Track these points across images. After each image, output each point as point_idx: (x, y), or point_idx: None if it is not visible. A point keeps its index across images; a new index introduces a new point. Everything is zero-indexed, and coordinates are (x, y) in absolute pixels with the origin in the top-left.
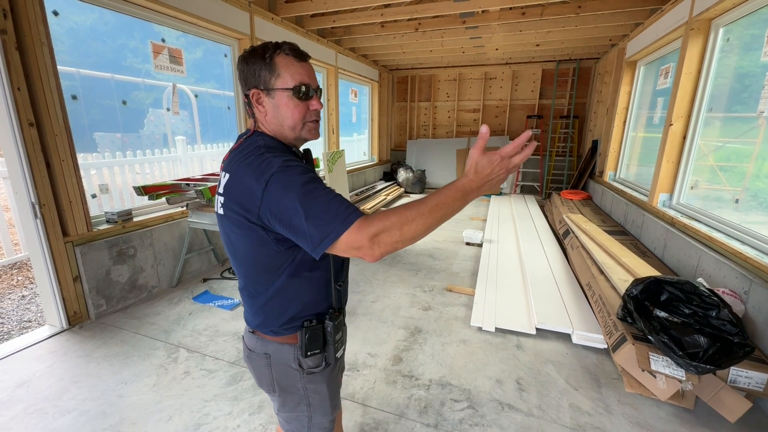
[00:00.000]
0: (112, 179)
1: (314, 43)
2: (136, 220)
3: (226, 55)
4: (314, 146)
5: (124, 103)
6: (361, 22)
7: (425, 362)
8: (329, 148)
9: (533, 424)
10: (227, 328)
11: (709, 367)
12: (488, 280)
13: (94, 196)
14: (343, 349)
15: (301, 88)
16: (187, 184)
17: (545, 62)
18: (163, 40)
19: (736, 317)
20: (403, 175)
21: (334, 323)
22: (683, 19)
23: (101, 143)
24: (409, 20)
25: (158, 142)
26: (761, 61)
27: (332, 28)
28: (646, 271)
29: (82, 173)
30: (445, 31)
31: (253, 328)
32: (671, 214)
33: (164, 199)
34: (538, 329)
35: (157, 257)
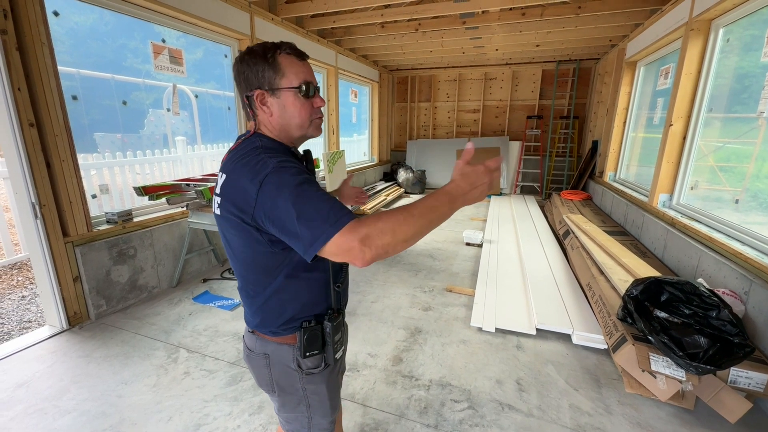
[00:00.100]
0: (112, 179)
1: (314, 43)
2: (136, 220)
3: (226, 55)
4: (314, 147)
5: (124, 103)
6: (361, 22)
7: (425, 363)
8: (329, 148)
9: (533, 424)
10: (227, 328)
11: (709, 367)
12: (488, 280)
13: (94, 196)
14: (342, 350)
15: (305, 86)
16: (187, 184)
17: (545, 63)
18: (163, 40)
19: (736, 318)
20: (403, 175)
21: (332, 324)
22: (683, 19)
23: (101, 143)
24: (409, 21)
25: (158, 142)
26: (761, 61)
27: (332, 28)
28: (646, 271)
29: (82, 173)
30: (445, 31)
31: (252, 328)
32: (671, 214)
33: (164, 199)
34: (538, 330)
35: (157, 257)
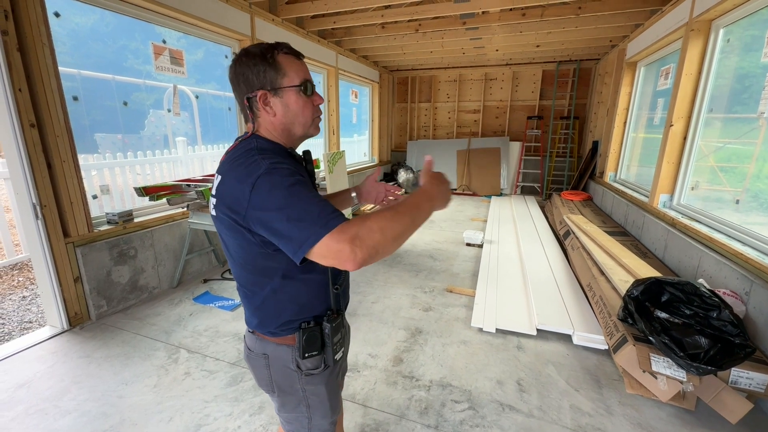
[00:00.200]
0: (112, 180)
1: (315, 44)
2: (136, 220)
3: (226, 56)
4: (314, 147)
5: (125, 104)
6: (361, 23)
7: (426, 363)
8: (330, 149)
9: (534, 425)
10: (228, 328)
11: (710, 368)
12: (489, 280)
13: (95, 196)
14: (342, 351)
15: (306, 84)
16: (187, 185)
17: (545, 63)
18: (164, 41)
19: (737, 318)
20: (403, 175)
21: (331, 325)
22: (683, 20)
23: (102, 144)
24: (409, 21)
25: (159, 143)
26: (761, 62)
27: (333, 29)
28: (646, 271)
29: (83, 174)
30: (445, 32)
31: (252, 328)
32: (672, 214)
33: (165, 200)
34: (538, 330)
35: (157, 258)
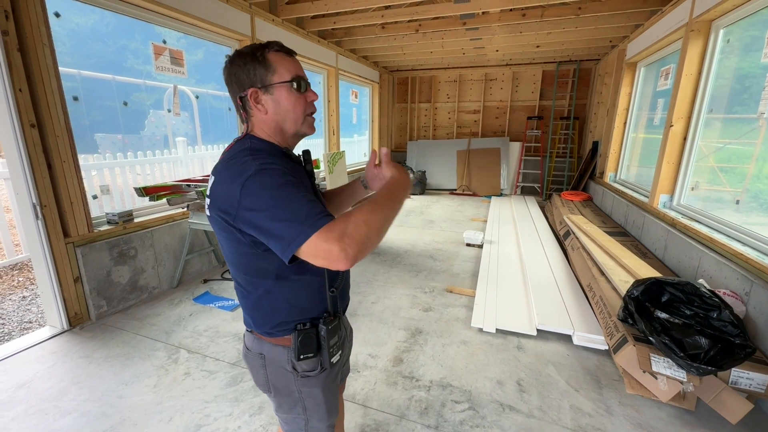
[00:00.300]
0: (113, 180)
1: (315, 44)
2: (136, 221)
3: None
4: (315, 147)
5: (125, 104)
6: (361, 23)
7: (426, 363)
8: (330, 149)
9: (534, 425)
10: (228, 329)
11: (710, 368)
12: (489, 281)
13: (95, 197)
14: (339, 354)
15: (298, 80)
16: (187, 185)
17: (545, 63)
18: (164, 41)
19: (737, 318)
20: None
21: (327, 328)
22: (683, 20)
23: (102, 144)
24: (409, 22)
25: (159, 143)
26: (761, 62)
27: (333, 29)
28: (646, 272)
29: (83, 174)
30: (445, 32)
31: (249, 328)
32: (672, 215)
33: (165, 200)
34: (538, 330)
35: (157, 258)
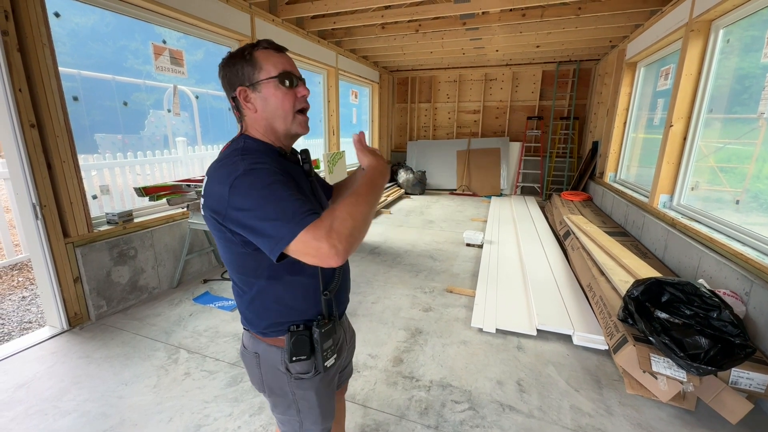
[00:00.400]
0: (112, 180)
1: (315, 44)
2: (136, 221)
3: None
4: (315, 147)
5: (125, 104)
6: (361, 23)
7: (426, 363)
8: (330, 149)
9: (534, 425)
10: (228, 329)
11: (710, 368)
12: (489, 281)
13: (94, 197)
14: (334, 358)
15: (285, 75)
16: (187, 185)
17: (545, 63)
18: (164, 41)
19: (737, 318)
20: (403, 176)
21: (321, 331)
22: (683, 20)
23: (102, 144)
24: (409, 22)
25: (159, 143)
26: (761, 62)
27: (333, 29)
28: (646, 272)
29: (82, 174)
30: (445, 32)
31: (246, 326)
32: (672, 215)
33: (165, 200)
34: (538, 330)
35: (157, 258)
